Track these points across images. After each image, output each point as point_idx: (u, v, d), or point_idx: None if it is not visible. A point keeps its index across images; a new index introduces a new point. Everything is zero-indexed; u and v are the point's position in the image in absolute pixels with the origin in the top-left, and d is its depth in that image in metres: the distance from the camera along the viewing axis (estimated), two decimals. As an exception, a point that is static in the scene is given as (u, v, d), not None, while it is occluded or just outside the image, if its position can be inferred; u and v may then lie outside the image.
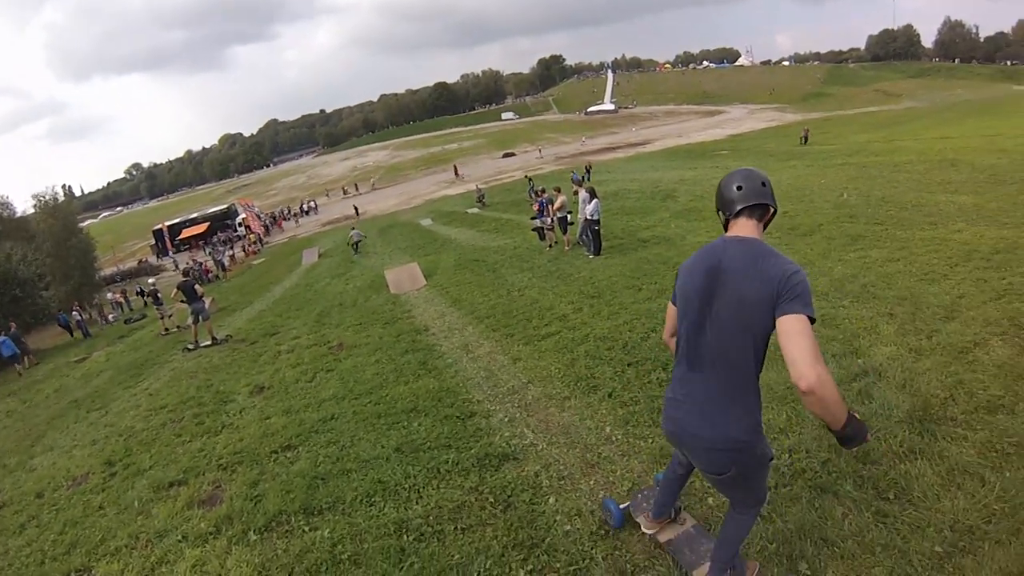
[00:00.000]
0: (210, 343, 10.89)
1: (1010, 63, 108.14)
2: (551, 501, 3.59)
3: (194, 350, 10.81)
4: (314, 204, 59.67)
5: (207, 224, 54.13)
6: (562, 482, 3.78)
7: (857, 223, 9.46)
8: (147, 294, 17.93)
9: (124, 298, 26.92)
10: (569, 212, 12.63)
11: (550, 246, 13.06)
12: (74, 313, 21.30)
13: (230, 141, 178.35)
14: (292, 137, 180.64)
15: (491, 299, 9.49)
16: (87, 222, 52.51)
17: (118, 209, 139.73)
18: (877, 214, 9.86)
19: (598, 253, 11.10)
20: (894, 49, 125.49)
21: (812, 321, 1.85)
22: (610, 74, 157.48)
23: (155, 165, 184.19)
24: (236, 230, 50.01)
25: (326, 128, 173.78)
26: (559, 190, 13.22)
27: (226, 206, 59.69)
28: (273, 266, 27.94)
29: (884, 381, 4.14)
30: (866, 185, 13.24)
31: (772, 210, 2.17)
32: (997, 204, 9.12)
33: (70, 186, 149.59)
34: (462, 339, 7.62)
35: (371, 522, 3.70)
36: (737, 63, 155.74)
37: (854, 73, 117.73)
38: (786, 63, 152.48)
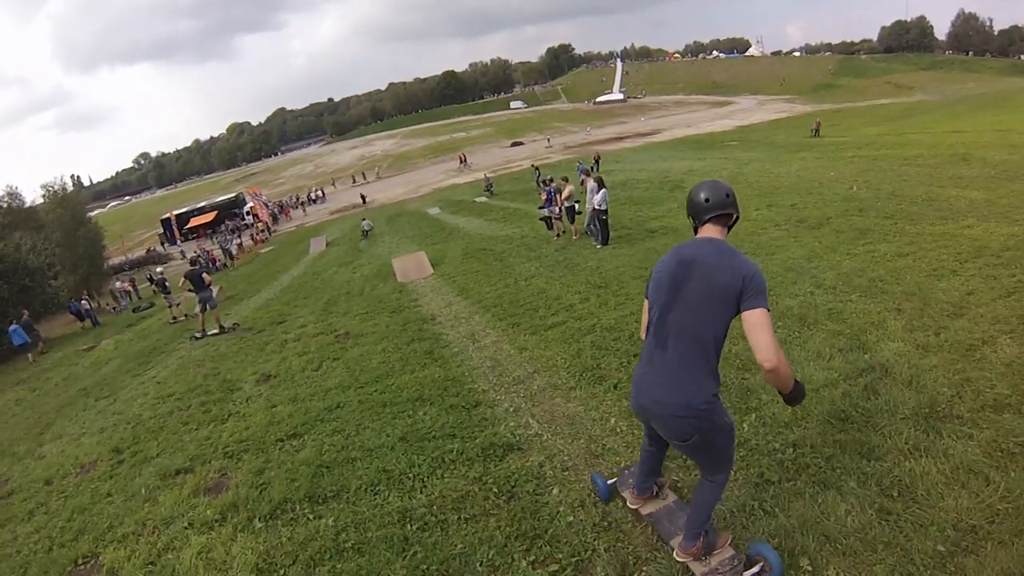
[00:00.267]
0: (217, 331, 10.96)
1: (1023, 57, 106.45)
2: (555, 492, 3.59)
3: (201, 338, 10.88)
4: (321, 193, 59.72)
5: (215, 213, 54.29)
6: (566, 473, 3.79)
7: (866, 217, 9.36)
8: (155, 282, 18.04)
9: (133, 287, 27.07)
10: (577, 202, 12.59)
11: (558, 235, 13.05)
12: (83, 302, 21.45)
13: (238, 130, 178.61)
14: (300, 126, 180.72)
15: (498, 288, 9.49)
16: (95, 212, 52.74)
17: (126, 198, 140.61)
18: (887, 208, 9.76)
19: (606, 243, 11.07)
20: (907, 41, 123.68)
21: (768, 309, 2.26)
22: (619, 63, 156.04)
23: (163, 154, 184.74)
24: (244, 219, 50.17)
25: (334, 117, 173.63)
26: (567, 179, 13.19)
27: (234, 195, 59.88)
28: (281, 255, 28.06)
29: (890, 377, 4.11)
30: (876, 178, 13.11)
31: (735, 216, 2.55)
32: (1008, 200, 9.00)
33: (78, 176, 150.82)
34: (469, 328, 7.64)
35: (375, 511, 3.73)
36: (747, 53, 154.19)
37: (865, 65, 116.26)
38: (797, 54, 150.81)
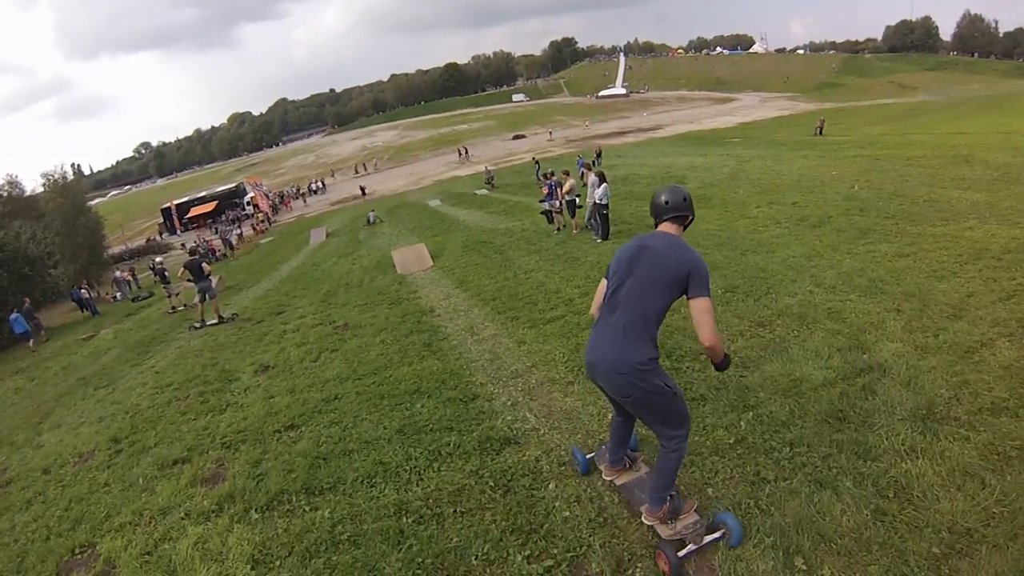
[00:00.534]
0: (216, 322, 10.96)
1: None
2: (551, 487, 3.60)
3: (200, 328, 10.88)
4: (322, 184, 59.61)
5: (215, 203, 54.14)
6: (562, 468, 3.79)
7: (867, 216, 9.35)
8: (155, 272, 18.03)
9: (132, 276, 27.03)
10: (578, 196, 12.57)
11: (558, 229, 13.03)
12: (82, 291, 21.44)
13: (239, 120, 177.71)
14: (301, 116, 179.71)
15: (497, 281, 9.48)
16: (95, 201, 52.33)
17: (126, 188, 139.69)
18: (888, 208, 9.74)
19: (606, 237, 11.05)
20: (911, 41, 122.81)
21: (710, 297, 2.67)
22: (622, 58, 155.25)
23: (164, 144, 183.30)
24: (244, 209, 50.07)
25: (335, 108, 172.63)
26: (568, 173, 13.16)
27: (234, 185, 59.65)
28: (280, 245, 28.03)
29: (889, 378, 4.12)
30: (878, 178, 13.07)
31: (690, 217, 2.97)
32: (1010, 203, 8.98)
33: (79, 165, 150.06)
34: (467, 321, 7.63)
35: (371, 503, 3.74)
36: (751, 50, 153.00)
37: (869, 64, 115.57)
38: (801, 51, 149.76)
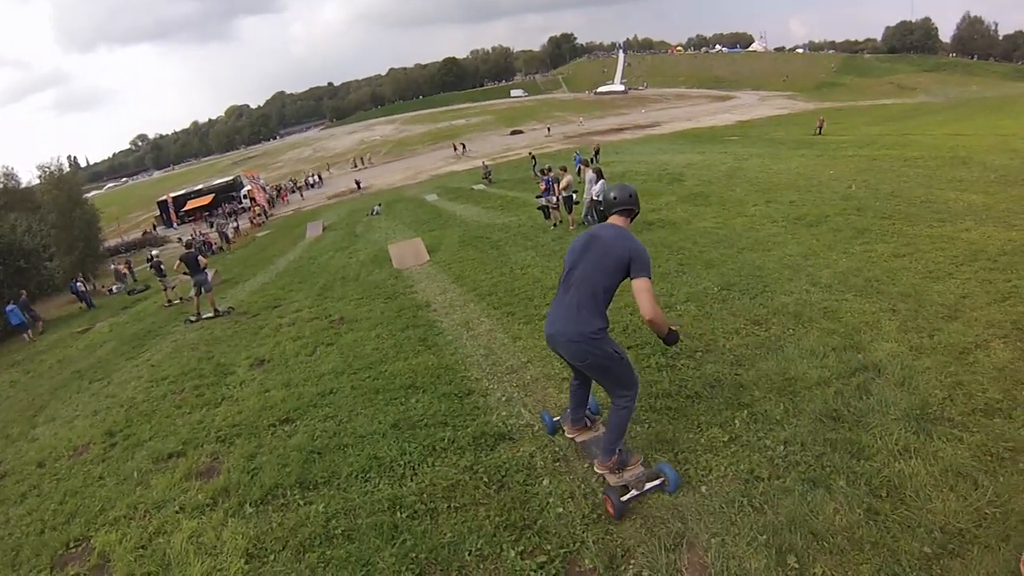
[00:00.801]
0: (212, 315, 10.92)
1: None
2: (545, 483, 3.61)
3: (196, 322, 10.85)
4: (319, 177, 59.42)
5: (212, 196, 53.75)
6: (556, 464, 3.80)
7: (864, 216, 9.36)
8: (151, 265, 17.97)
9: (128, 269, 26.92)
10: (575, 191, 12.56)
11: (555, 225, 13.03)
12: (78, 284, 21.37)
13: (237, 113, 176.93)
14: (299, 110, 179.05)
15: (493, 276, 9.46)
16: (92, 193, 52.24)
17: (123, 180, 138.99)
18: (885, 208, 9.75)
19: (602, 235, 11.02)
20: (911, 42, 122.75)
21: (650, 278, 3.08)
22: (621, 55, 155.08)
23: (161, 136, 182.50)
24: (241, 202, 49.85)
25: (334, 101, 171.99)
26: (565, 169, 13.17)
27: (231, 178, 59.36)
28: (277, 239, 27.93)
29: (883, 378, 4.13)
30: (875, 178, 13.09)
31: (636, 211, 3.42)
32: (1007, 205, 8.99)
33: (75, 157, 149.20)
34: (463, 316, 7.62)
35: (365, 498, 3.74)
36: (750, 48, 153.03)
37: (869, 64, 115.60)
38: (800, 50, 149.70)
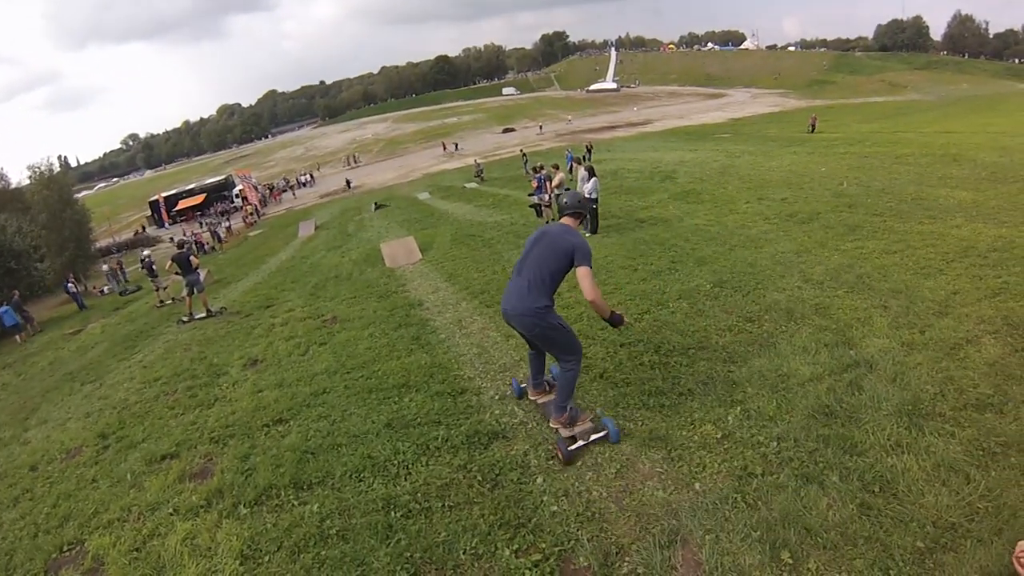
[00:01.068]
0: (205, 315, 10.85)
1: (1018, 61, 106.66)
2: (539, 481, 3.62)
3: (188, 322, 10.76)
4: (311, 176, 59.17)
5: (204, 195, 53.48)
6: (550, 462, 3.80)
7: (856, 213, 9.42)
8: (143, 265, 17.84)
9: (120, 269, 26.69)
10: (567, 189, 12.54)
11: (547, 223, 12.98)
12: (69, 285, 21.18)
13: (228, 112, 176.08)
14: (291, 108, 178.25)
15: (486, 275, 9.46)
16: (83, 193, 51.38)
17: (114, 180, 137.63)
18: (876, 205, 9.82)
19: (595, 232, 11.06)
20: (902, 40, 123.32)
21: (590, 267, 3.63)
22: (613, 52, 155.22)
23: (152, 136, 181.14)
24: (233, 201, 49.59)
25: (325, 100, 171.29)
26: (558, 167, 13.16)
27: (223, 177, 59.02)
28: (269, 238, 27.80)
29: (875, 373, 4.16)
30: (866, 175, 13.17)
31: (583, 214, 4.15)
32: (996, 202, 9.08)
33: (66, 157, 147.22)
34: (456, 315, 7.61)
35: (359, 498, 3.73)
36: (742, 46, 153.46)
37: (860, 62, 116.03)
38: (792, 48, 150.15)
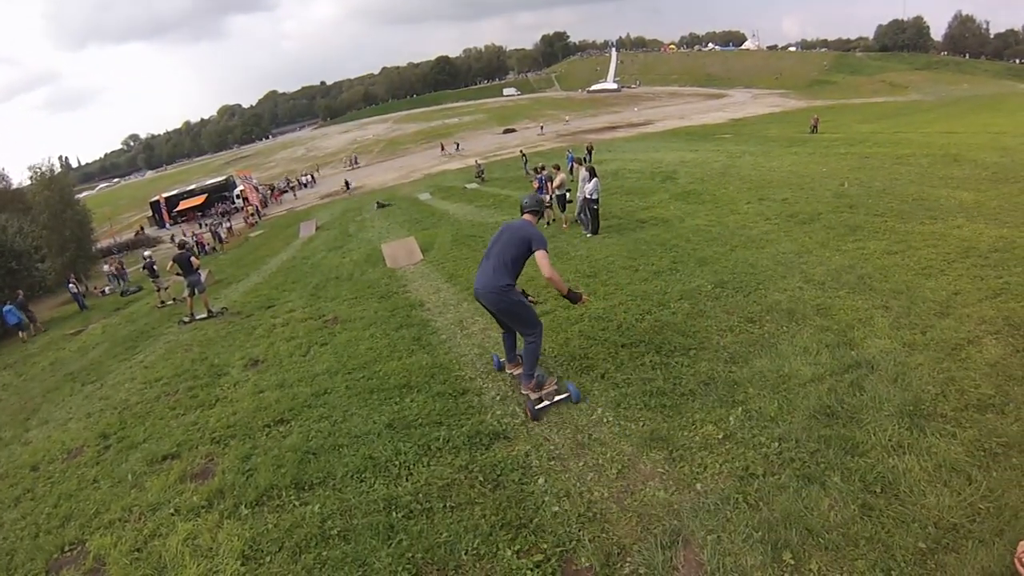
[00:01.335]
0: (205, 316, 10.86)
1: (1018, 61, 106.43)
2: (540, 481, 3.62)
3: (189, 323, 10.77)
4: (311, 177, 59.18)
5: (205, 196, 53.39)
6: (552, 463, 3.80)
7: (857, 214, 9.41)
8: (144, 266, 17.84)
9: (121, 269, 26.67)
10: (568, 190, 12.56)
11: (548, 224, 13.01)
12: (70, 286, 21.19)
13: (229, 112, 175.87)
14: (292, 109, 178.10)
15: (487, 276, 9.42)
16: (84, 194, 51.32)
17: (115, 180, 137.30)
18: (877, 206, 9.81)
19: (596, 232, 11.06)
20: (903, 40, 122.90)
21: (546, 251, 4.36)
22: (614, 53, 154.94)
23: (153, 136, 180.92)
24: (234, 202, 49.60)
25: (326, 100, 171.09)
26: (558, 167, 13.15)
27: (224, 178, 58.98)
28: (270, 239, 27.79)
29: (876, 374, 4.16)
30: (867, 176, 13.16)
31: (540, 212, 4.84)
32: (998, 203, 9.07)
33: (66, 157, 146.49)
34: (457, 315, 7.61)
35: (361, 498, 3.73)
36: (743, 47, 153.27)
37: (861, 62, 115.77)
38: (792, 48, 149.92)
